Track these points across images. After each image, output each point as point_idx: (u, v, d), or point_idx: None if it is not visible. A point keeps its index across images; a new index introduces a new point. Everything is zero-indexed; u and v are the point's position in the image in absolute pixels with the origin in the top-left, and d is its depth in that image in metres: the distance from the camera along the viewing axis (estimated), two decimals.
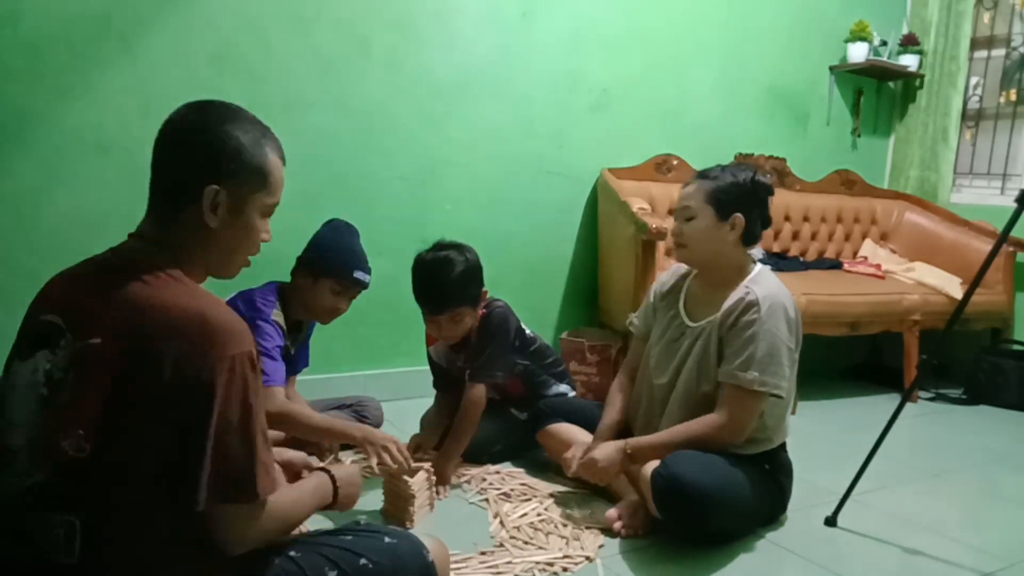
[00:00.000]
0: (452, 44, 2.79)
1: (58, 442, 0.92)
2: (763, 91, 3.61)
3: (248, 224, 1.06)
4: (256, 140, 1.06)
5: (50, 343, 0.96)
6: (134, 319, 0.93)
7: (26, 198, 2.19)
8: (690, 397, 1.79)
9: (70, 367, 0.94)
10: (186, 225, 1.02)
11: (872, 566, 1.68)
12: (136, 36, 2.28)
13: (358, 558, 1.09)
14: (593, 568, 1.59)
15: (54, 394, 0.94)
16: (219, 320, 0.95)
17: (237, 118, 1.06)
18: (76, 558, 0.91)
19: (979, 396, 3.24)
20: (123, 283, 0.96)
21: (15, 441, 0.95)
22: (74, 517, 0.92)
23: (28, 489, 0.94)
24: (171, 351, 0.91)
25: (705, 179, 1.80)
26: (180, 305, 0.95)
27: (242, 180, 1.04)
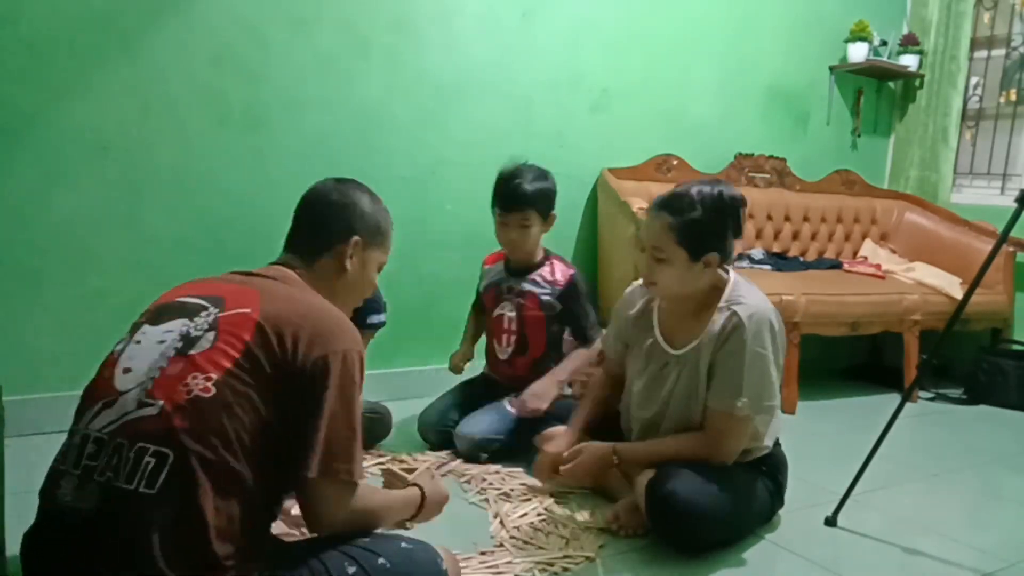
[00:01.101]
0: (452, 44, 2.79)
1: (178, 384, 1.01)
2: (763, 91, 3.61)
3: (368, 275, 1.34)
4: (383, 210, 1.35)
5: (188, 315, 1.09)
6: (280, 303, 1.11)
7: (26, 198, 2.19)
8: (680, 424, 1.75)
9: (211, 328, 1.06)
10: (324, 267, 1.28)
11: (872, 566, 1.68)
12: (136, 36, 2.28)
13: (376, 557, 1.12)
14: (593, 568, 1.59)
15: (187, 346, 1.05)
16: (342, 320, 1.14)
17: (369, 191, 1.35)
18: (155, 489, 0.95)
19: (979, 396, 3.24)
20: (270, 282, 1.18)
21: (126, 385, 1.03)
22: (170, 451, 0.97)
23: (127, 423, 1.00)
24: (305, 333, 1.06)
25: (672, 214, 1.63)
26: (316, 303, 1.15)
27: (372, 237, 1.32)
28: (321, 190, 1.32)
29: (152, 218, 2.34)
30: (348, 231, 1.28)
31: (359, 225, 1.30)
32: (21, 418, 2.05)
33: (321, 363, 1.06)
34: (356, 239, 1.28)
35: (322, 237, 1.28)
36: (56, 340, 2.20)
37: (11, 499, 1.38)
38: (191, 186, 2.39)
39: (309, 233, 1.29)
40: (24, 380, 2.11)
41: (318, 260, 1.27)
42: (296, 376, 1.05)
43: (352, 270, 1.29)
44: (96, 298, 2.25)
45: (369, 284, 1.35)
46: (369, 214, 1.31)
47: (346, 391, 1.08)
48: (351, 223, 1.29)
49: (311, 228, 1.29)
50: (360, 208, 1.31)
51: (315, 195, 1.32)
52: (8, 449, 1.49)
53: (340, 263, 1.28)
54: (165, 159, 2.35)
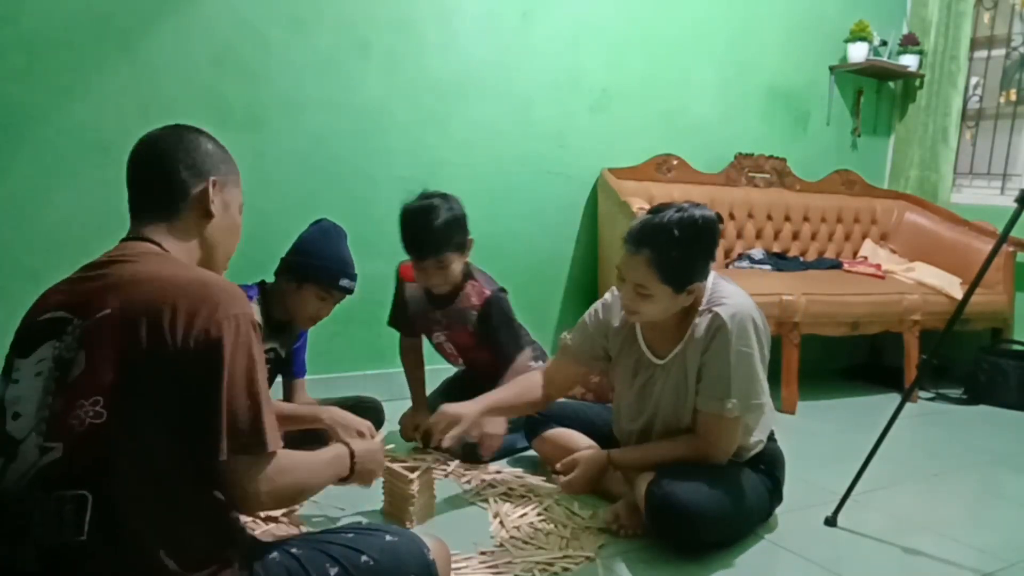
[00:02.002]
0: (452, 44, 2.79)
1: (69, 418, 0.93)
2: (763, 91, 3.61)
3: (234, 218, 1.20)
4: (222, 146, 1.21)
5: (55, 334, 0.99)
6: (140, 288, 0.99)
7: (26, 198, 2.19)
8: (670, 430, 1.76)
9: (80, 345, 0.97)
10: (184, 222, 1.13)
11: (872, 566, 1.68)
12: (136, 36, 2.28)
13: (359, 555, 1.10)
14: (593, 568, 1.59)
15: (65, 374, 0.96)
16: (220, 284, 1.02)
17: (202, 131, 1.19)
18: (85, 535, 0.90)
19: (979, 396, 3.24)
20: (121, 267, 1.04)
21: (20, 432, 0.96)
22: (86, 491, 0.92)
23: (37, 473, 0.93)
24: (179, 312, 0.96)
25: (652, 248, 1.58)
26: (182, 275, 1.03)
27: (226, 175, 1.18)
28: (153, 141, 1.16)
29: None
30: (201, 171, 1.13)
31: (209, 164, 1.15)
32: None
33: (204, 337, 0.95)
34: (213, 179, 1.14)
35: (175, 188, 1.12)
36: None
37: None
38: None
39: (160, 187, 1.12)
40: None
41: (178, 215, 1.12)
42: (182, 359, 0.95)
43: (217, 214, 1.15)
44: None
45: (236, 228, 1.21)
46: (213, 151, 1.17)
47: (240, 359, 0.97)
48: (201, 164, 1.14)
49: (160, 181, 1.12)
50: (203, 147, 1.16)
51: (149, 148, 1.15)
52: None
53: (204, 209, 1.13)
54: None
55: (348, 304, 2.65)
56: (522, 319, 2.31)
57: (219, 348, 0.96)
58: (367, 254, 2.69)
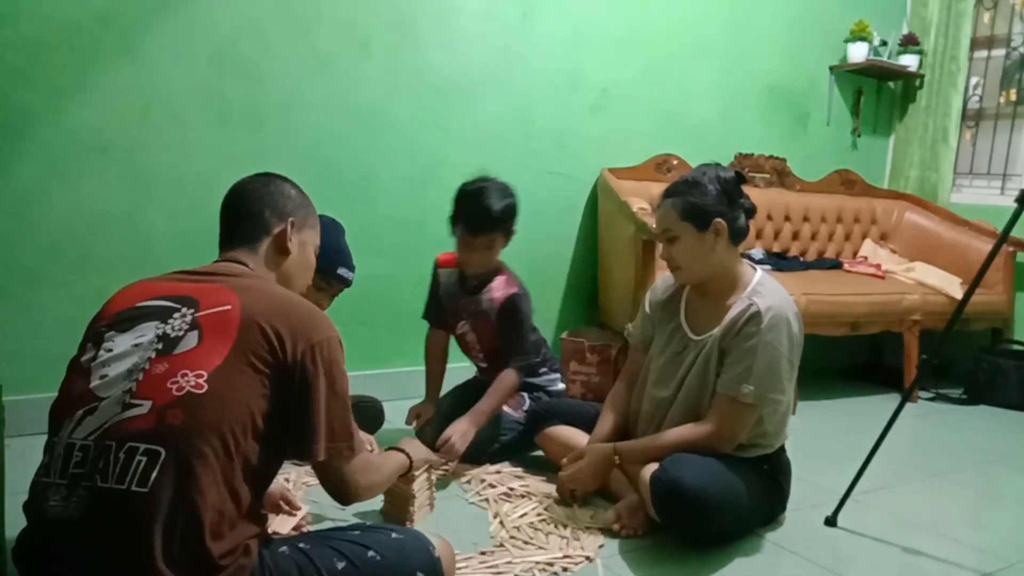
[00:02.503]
0: (452, 44, 2.79)
1: (167, 382, 1.01)
2: (763, 91, 3.61)
3: (308, 257, 1.36)
4: (304, 193, 1.37)
5: (159, 317, 1.09)
6: (257, 298, 1.12)
7: (26, 198, 2.19)
8: (691, 409, 1.78)
9: (192, 327, 1.07)
10: (266, 254, 1.28)
11: (872, 566, 1.68)
12: (136, 36, 2.28)
13: (366, 550, 1.12)
14: (593, 568, 1.59)
15: (169, 347, 1.05)
16: (316, 310, 1.17)
17: (288, 180, 1.37)
18: (148, 487, 0.94)
19: (979, 396, 3.24)
20: (234, 278, 1.17)
21: (108, 391, 1.02)
22: (162, 448, 0.97)
23: (113, 426, 0.99)
24: (289, 328, 1.09)
25: (671, 196, 1.76)
26: (286, 295, 1.18)
27: (304, 218, 1.34)
28: (244, 183, 1.33)
29: (152, 218, 2.35)
30: (282, 213, 1.30)
31: (290, 207, 1.31)
32: (21, 418, 2.05)
33: (308, 354, 1.09)
34: (292, 220, 1.30)
35: (259, 223, 1.28)
36: (56, 340, 2.20)
37: (11, 499, 1.38)
38: (191, 186, 2.39)
39: (247, 222, 1.28)
40: (24, 380, 2.11)
41: (260, 247, 1.28)
42: (285, 369, 1.07)
43: (294, 251, 1.31)
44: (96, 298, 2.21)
45: (310, 267, 1.37)
46: (295, 197, 1.34)
47: (334, 376, 1.12)
48: (283, 206, 1.31)
49: (248, 217, 1.29)
50: (287, 192, 1.33)
51: (240, 188, 1.33)
52: (8, 449, 1.50)
53: (282, 245, 1.29)
54: (165, 159, 2.35)
55: (348, 304, 2.65)
56: None
57: (316, 364, 1.09)
58: (367, 254, 2.69)
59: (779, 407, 1.73)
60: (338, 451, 1.12)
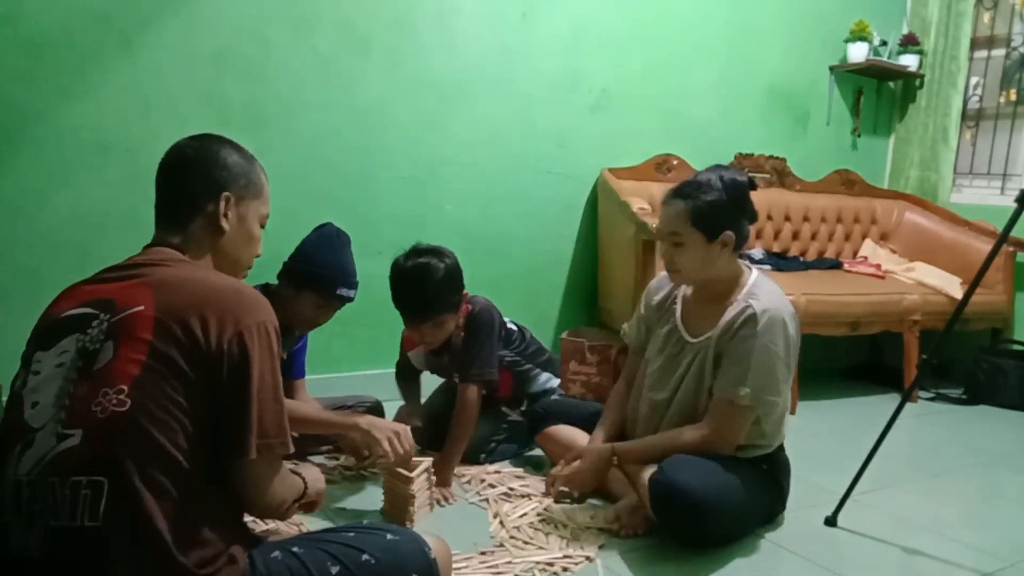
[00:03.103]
0: (452, 44, 2.79)
1: (91, 405, 0.96)
2: (763, 91, 3.61)
3: (250, 231, 1.23)
4: (248, 159, 1.25)
5: (79, 328, 1.02)
6: (174, 290, 1.04)
7: (26, 198, 2.19)
8: (688, 411, 1.78)
9: (108, 337, 1.00)
10: (200, 232, 1.17)
11: (872, 566, 1.68)
12: (136, 36, 2.28)
13: (360, 554, 1.10)
14: (593, 568, 1.59)
15: (90, 364, 0.99)
16: (251, 292, 1.09)
17: (229, 142, 1.23)
18: (100, 520, 0.92)
19: (979, 396, 3.24)
20: (154, 270, 1.08)
21: (39, 420, 0.98)
22: (104, 478, 0.93)
23: (53, 459, 0.95)
24: (212, 316, 1.01)
25: (684, 199, 1.71)
26: (211, 280, 1.08)
27: (243, 189, 1.21)
28: (176, 150, 1.21)
29: (152, 218, 2.34)
30: (215, 187, 1.18)
31: (225, 179, 1.19)
32: None
33: (235, 342, 1.01)
34: (226, 195, 1.18)
35: (188, 200, 1.17)
36: None
37: None
38: None
39: (174, 199, 1.18)
40: None
41: (190, 226, 1.17)
42: (211, 361, 1.00)
43: (230, 228, 1.19)
44: None
45: (252, 239, 1.25)
46: (233, 165, 1.21)
47: (266, 364, 1.04)
48: (216, 179, 1.18)
49: (174, 193, 1.18)
50: (222, 161, 1.20)
51: (171, 157, 1.21)
52: None
53: (214, 223, 1.18)
54: None
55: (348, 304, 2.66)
56: (522, 319, 2.31)
57: (249, 352, 1.02)
58: (367, 254, 2.69)
59: (776, 408, 1.73)
60: (268, 448, 1.03)
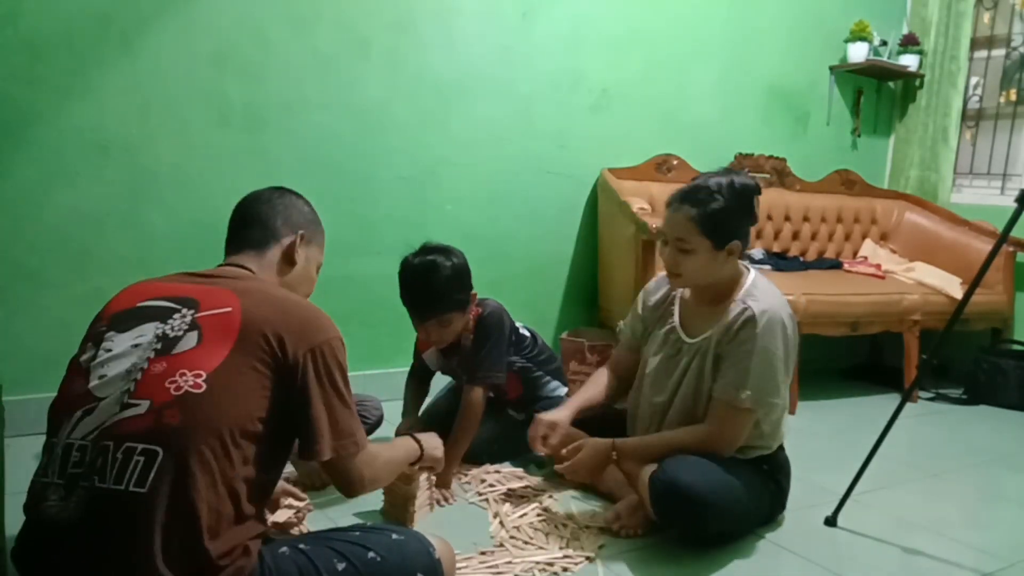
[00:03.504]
0: (452, 44, 2.79)
1: (165, 382, 1.01)
2: (763, 91, 3.61)
3: (310, 272, 1.38)
4: (315, 212, 1.41)
5: (159, 317, 1.09)
6: (259, 300, 1.13)
7: (26, 198, 2.19)
8: (688, 413, 1.77)
9: (192, 327, 1.07)
10: (273, 262, 1.30)
11: (872, 566, 1.68)
12: (136, 36, 2.28)
13: (367, 551, 1.12)
14: (593, 568, 1.59)
15: (168, 347, 1.06)
16: (318, 311, 1.17)
17: (301, 196, 1.40)
18: (146, 487, 0.95)
19: (979, 396, 3.24)
20: (236, 281, 1.19)
21: (106, 391, 1.03)
22: (160, 448, 0.97)
23: (112, 426, 0.99)
24: (286, 330, 1.09)
25: (692, 204, 1.68)
26: (289, 297, 1.18)
27: (313, 234, 1.37)
28: (260, 192, 1.36)
29: (152, 218, 2.35)
30: (294, 225, 1.33)
31: (301, 221, 1.34)
32: (21, 418, 2.05)
33: (309, 356, 1.09)
34: (301, 233, 1.33)
35: (270, 230, 1.31)
36: (56, 340, 2.20)
37: (11, 499, 1.38)
38: (191, 186, 2.39)
39: (257, 228, 1.30)
40: (24, 380, 2.11)
41: (267, 254, 1.30)
42: (286, 371, 1.08)
43: (300, 263, 1.33)
44: (96, 298, 2.22)
45: (311, 282, 1.39)
46: (307, 212, 1.37)
47: (336, 376, 1.13)
48: (295, 219, 1.34)
49: (259, 224, 1.31)
50: (299, 206, 1.36)
51: (255, 196, 1.35)
52: (8, 449, 1.50)
53: (289, 256, 1.31)
54: (165, 159, 2.35)
55: (348, 304, 2.66)
56: (522, 319, 2.31)
57: (318, 365, 1.10)
58: (367, 254, 2.70)
59: (776, 409, 1.72)
60: (343, 448, 1.13)
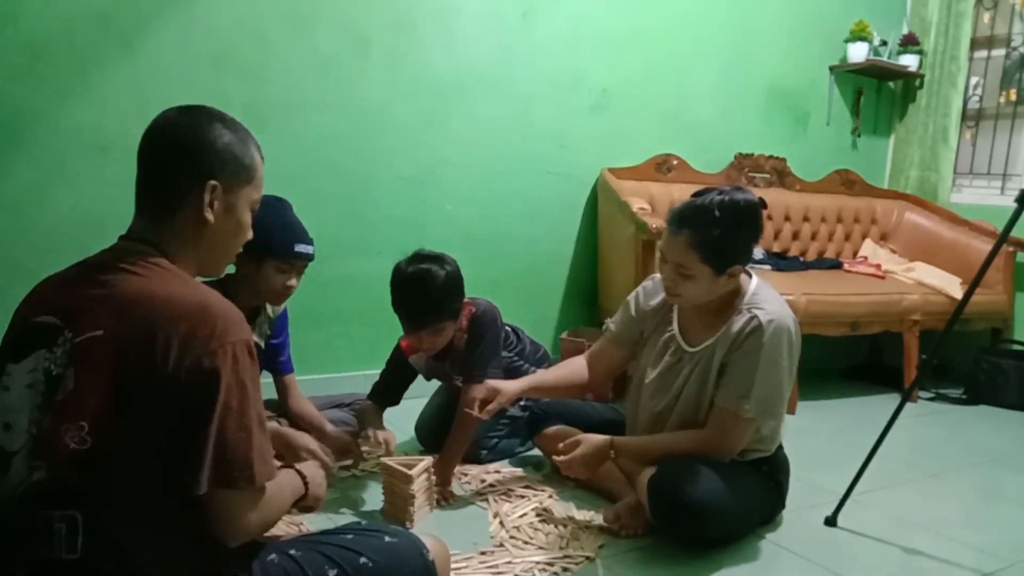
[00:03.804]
0: (452, 44, 2.79)
1: (59, 438, 0.91)
2: (763, 91, 3.61)
3: (239, 219, 1.11)
4: (242, 139, 1.11)
5: (47, 342, 0.96)
6: (135, 310, 0.95)
7: (26, 198, 2.19)
8: (688, 421, 1.76)
9: (69, 363, 0.94)
10: (181, 223, 1.06)
11: (872, 566, 1.68)
12: (136, 36, 2.28)
13: (358, 557, 1.09)
14: (593, 568, 1.59)
15: (52, 391, 0.94)
16: (219, 308, 0.98)
17: (222, 119, 1.10)
18: (79, 553, 0.90)
19: (979, 396, 3.24)
20: (120, 278, 0.99)
21: (13, 445, 0.95)
22: (76, 512, 0.91)
23: (27, 489, 0.93)
24: (174, 339, 0.93)
25: (693, 229, 1.62)
26: (179, 294, 0.98)
27: (233, 176, 1.09)
28: (161, 127, 1.08)
29: None
30: (199, 176, 1.05)
31: (211, 164, 1.06)
32: None
33: (198, 366, 0.93)
34: (212, 184, 1.05)
35: (169, 188, 1.06)
36: None
37: None
38: None
39: (154, 186, 1.07)
40: None
41: (171, 219, 1.05)
42: (173, 387, 0.92)
43: (216, 219, 1.07)
44: None
45: (241, 228, 1.13)
46: (223, 148, 1.07)
47: (235, 388, 0.95)
48: (201, 165, 1.05)
49: (155, 179, 1.07)
50: (210, 143, 1.06)
51: (155, 133, 1.08)
52: None
53: (198, 215, 1.05)
54: None
55: (348, 304, 2.66)
56: (522, 319, 2.31)
57: (214, 379, 0.93)
58: (367, 253, 2.70)
59: (777, 417, 1.73)
60: (228, 479, 0.94)
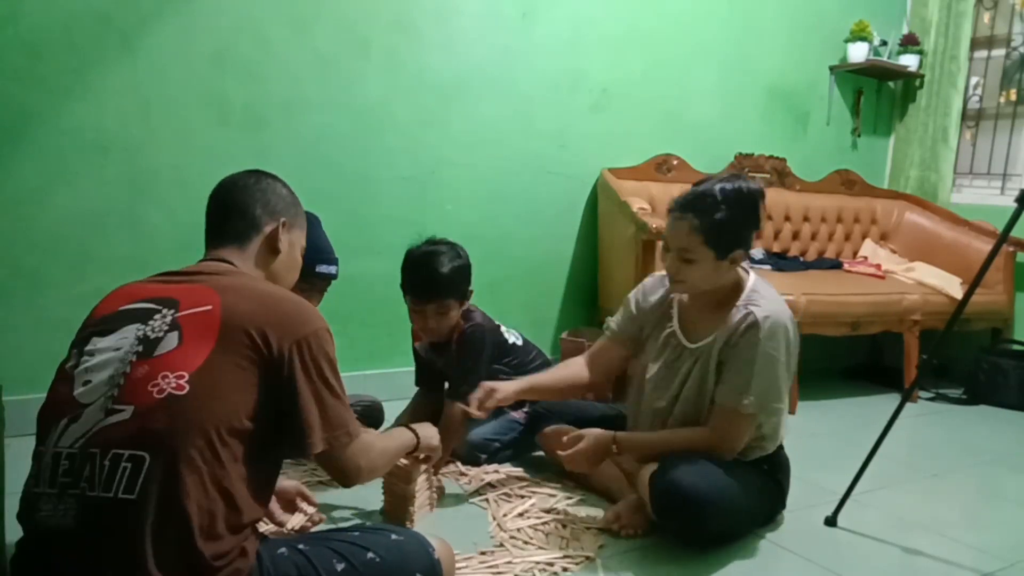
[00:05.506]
0: (452, 44, 2.79)
1: (148, 385, 1.00)
2: (763, 91, 3.61)
3: (295, 258, 1.35)
4: (293, 194, 1.36)
5: (141, 319, 1.08)
6: (237, 297, 1.10)
7: (26, 198, 2.19)
8: (689, 419, 1.76)
9: (172, 328, 1.06)
10: (256, 252, 1.27)
11: (872, 566, 1.68)
12: (136, 36, 2.28)
13: (365, 552, 1.12)
14: (593, 568, 1.59)
15: (149, 349, 1.04)
16: (303, 303, 1.15)
17: (278, 178, 1.35)
18: (135, 494, 0.95)
19: (979, 396, 3.24)
20: (215, 277, 1.16)
21: (90, 397, 1.02)
22: (146, 452, 0.96)
23: (97, 433, 0.98)
24: (268, 324, 1.07)
25: (696, 215, 1.65)
26: (271, 291, 1.16)
27: (294, 217, 1.34)
28: (235, 179, 1.32)
29: (152, 218, 2.35)
30: (273, 212, 1.29)
31: (281, 207, 1.30)
32: (21, 418, 2.04)
33: (294, 349, 1.08)
34: (283, 220, 1.29)
35: (250, 221, 1.27)
36: (56, 340, 2.19)
37: (11, 499, 1.38)
38: (191, 186, 2.38)
39: (237, 220, 1.27)
40: (24, 380, 2.11)
41: (250, 246, 1.26)
42: (271, 367, 1.06)
43: (283, 251, 1.30)
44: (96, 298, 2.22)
45: (297, 267, 1.37)
46: (286, 196, 1.33)
47: (324, 367, 1.11)
48: (274, 205, 1.29)
49: (238, 214, 1.27)
50: (278, 191, 1.32)
51: (230, 184, 1.31)
52: (8, 449, 1.50)
53: (272, 245, 1.28)
54: (165, 159, 2.35)
55: (348, 304, 2.66)
56: (522, 319, 2.31)
57: (304, 358, 1.09)
58: (367, 254, 2.70)
59: (777, 414, 1.73)
60: (335, 439, 1.12)
